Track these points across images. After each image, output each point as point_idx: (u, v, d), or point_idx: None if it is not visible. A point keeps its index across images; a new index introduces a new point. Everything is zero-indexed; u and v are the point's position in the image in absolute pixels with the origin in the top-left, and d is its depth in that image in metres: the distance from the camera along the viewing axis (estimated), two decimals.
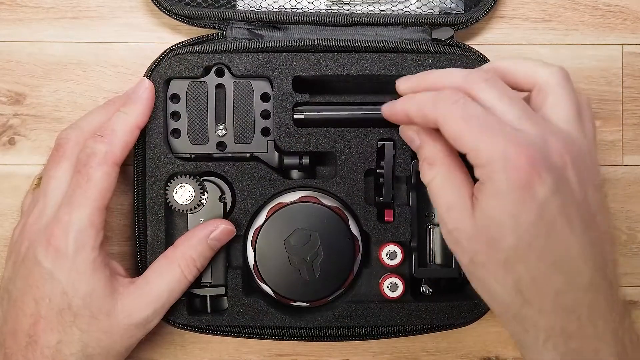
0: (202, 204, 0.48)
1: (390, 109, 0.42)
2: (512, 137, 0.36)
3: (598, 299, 0.37)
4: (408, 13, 0.51)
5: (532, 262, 0.36)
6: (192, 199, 0.48)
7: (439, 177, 0.39)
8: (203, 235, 0.46)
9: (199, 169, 0.48)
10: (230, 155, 0.49)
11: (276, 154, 0.49)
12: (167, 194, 0.48)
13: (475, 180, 0.38)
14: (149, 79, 0.48)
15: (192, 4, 0.50)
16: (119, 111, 0.46)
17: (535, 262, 0.36)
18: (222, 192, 0.49)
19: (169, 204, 0.48)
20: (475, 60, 0.49)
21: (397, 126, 0.48)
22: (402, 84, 0.43)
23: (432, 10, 0.51)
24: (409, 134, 0.42)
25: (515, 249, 0.36)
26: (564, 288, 0.36)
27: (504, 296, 0.38)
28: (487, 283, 0.38)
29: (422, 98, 0.40)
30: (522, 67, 0.41)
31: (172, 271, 0.45)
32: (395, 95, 0.51)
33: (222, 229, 0.46)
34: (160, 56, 0.49)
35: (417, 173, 0.48)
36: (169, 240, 0.48)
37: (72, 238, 0.43)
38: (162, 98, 0.48)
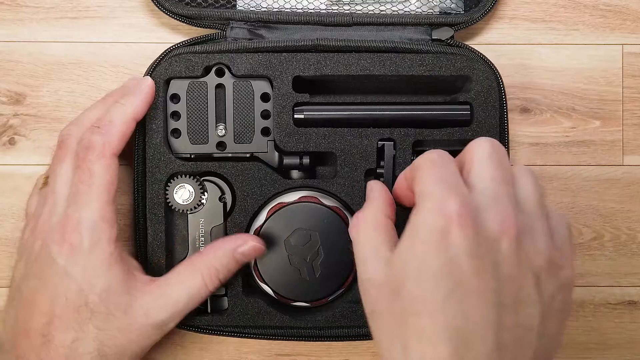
0: (202, 204, 0.48)
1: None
2: (458, 188, 0.34)
3: None
4: (408, 13, 0.51)
5: (424, 319, 0.33)
6: (192, 199, 0.48)
7: (363, 229, 0.38)
8: (230, 248, 0.45)
9: (199, 169, 0.48)
10: (230, 155, 0.49)
11: (276, 154, 0.49)
12: (167, 194, 0.48)
13: None
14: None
15: (192, 4, 0.50)
16: (117, 102, 0.45)
17: (428, 320, 0.33)
18: (222, 192, 0.49)
19: (169, 204, 0.48)
20: (475, 60, 0.49)
21: (397, 126, 0.49)
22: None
23: (432, 10, 0.51)
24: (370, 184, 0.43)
25: (412, 300, 0.33)
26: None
27: (391, 353, 0.34)
28: (379, 337, 0.36)
29: None
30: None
31: (194, 279, 0.44)
32: (395, 95, 0.51)
33: (251, 246, 0.45)
34: (160, 56, 0.49)
35: None
36: (169, 240, 0.48)
37: (87, 234, 0.42)
38: (162, 98, 0.48)
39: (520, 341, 0.34)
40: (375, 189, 0.41)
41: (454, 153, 0.49)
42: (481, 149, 0.37)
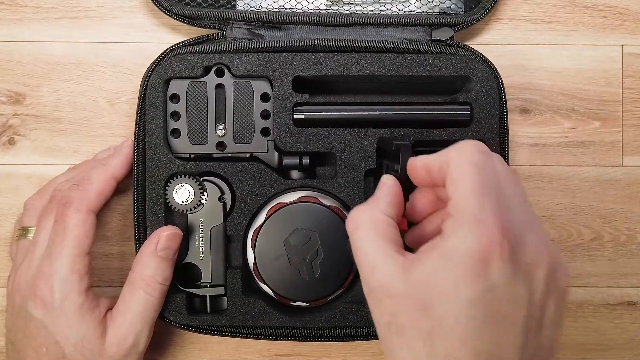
0: (202, 204, 0.48)
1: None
2: (501, 211, 0.33)
3: None
4: (408, 13, 0.51)
5: (455, 343, 0.32)
6: (191, 199, 0.48)
7: (365, 228, 0.36)
8: (151, 251, 0.46)
9: (199, 169, 0.48)
10: (230, 155, 0.49)
11: (276, 154, 0.49)
12: (167, 194, 0.48)
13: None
14: (149, 79, 0.48)
15: (192, 4, 0.50)
16: (100, 163, 0.48)
17: (458, 344, 0.32)
18: (222, 192, 0.49)
19: (169, 204, 0.48)
20: (475, 60, 0.49)
21: (397, 126, 0.49)
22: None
23: (432, 11, 0.51)
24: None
25: (443, 322, 0.32)
26: None
27: None
28: (396, 350, 0.34)
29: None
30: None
31: (136, 296, 0.45)
32: (395, 96, 0.51)
33: (165, 236, 0.46)
34: (160, 56, 0.49)
35: None
36: None
37: (57, 288, 0.44)
38: (162, 98, 0.48)
39: None
40: (385, 185, 0.39)
41: None
42: (500, 166, 0.36)
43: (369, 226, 0.36)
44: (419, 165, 0.38)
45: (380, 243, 0.36)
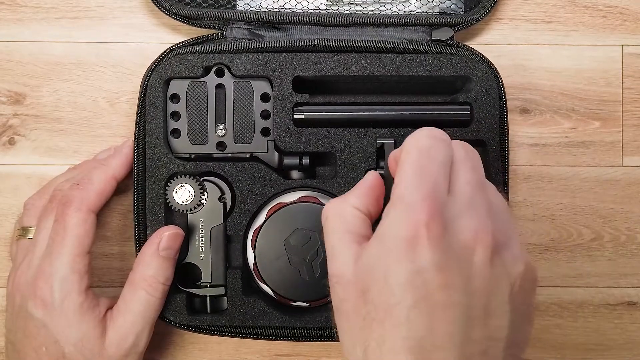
0: (202, 204, 0.48)
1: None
2: (434, 193, 0.32)
3: None
4: (408, 13, 0.51)
5: (388, 328, 0.32)
6: (192, 199, 0.48)
7: (332, 219, 0.37)
8: (152, 251, 0.46)
9: (199, 169, 0.48)
10: (230, 155, 0.49)
11: (276, 154, 0.49)
12: (167, 194, 0.48)
13: None
14: (149, 79, 0.48)
15: (192, 4, 0.50)
16: (100, 163, 0.48)
17: (391, 330, 0.31)
18: (222, 192, 0.49)
19: (169, 204, 0.48)
20: (475, 60, 0.49)
21: (397, 126, 0.49)
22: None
23: (432, 11, 0.51)
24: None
25: (377, 307, 0.32)
26: None
27: (352, 355, 0.33)
28: (342, 336, 0.34)
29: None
30: None
31: (137, 296, 0.45)
32: (395, 96, 0.51)
33: (167, 236, 0.46)
34: (160, 56, 0.49)
35: None
36: None
37: (56, 288, 0.44)
38: (162, 98, 0.48)
39: (486, 353, 0.32)
40: (363, 180, 0.38)
41: None
42: (456, 149, 0.36)
43: (335, 218, 0.37)
44: (391, 157, 0.38)
45: (343, 234, 0.36)
